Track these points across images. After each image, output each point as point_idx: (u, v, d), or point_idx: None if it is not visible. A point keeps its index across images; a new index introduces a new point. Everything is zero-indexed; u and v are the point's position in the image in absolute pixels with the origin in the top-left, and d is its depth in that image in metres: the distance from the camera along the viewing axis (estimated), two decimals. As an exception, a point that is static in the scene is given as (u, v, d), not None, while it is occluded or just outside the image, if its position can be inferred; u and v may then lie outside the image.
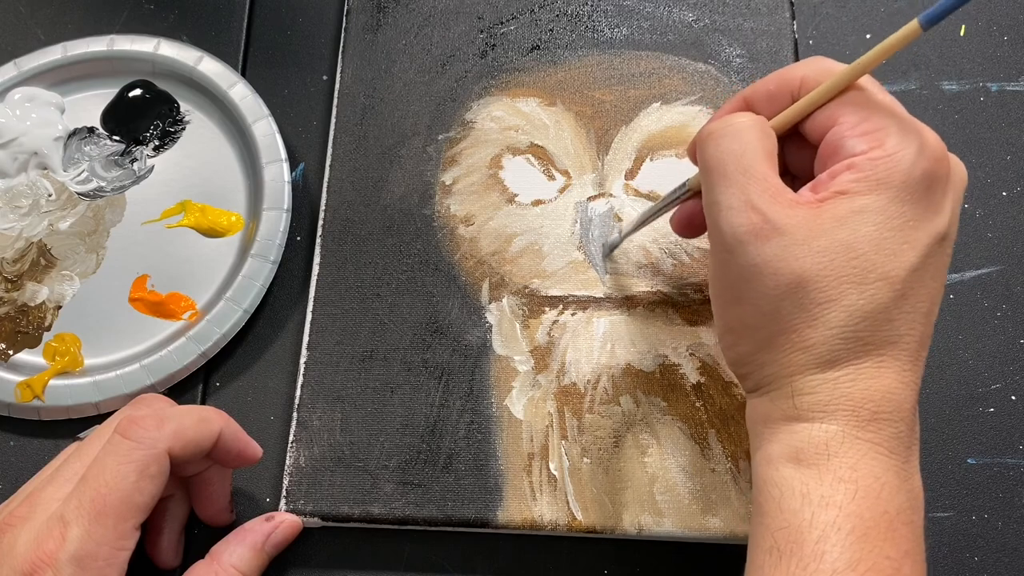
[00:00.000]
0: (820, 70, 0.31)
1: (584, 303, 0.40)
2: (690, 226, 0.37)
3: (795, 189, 0.31)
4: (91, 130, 0.46)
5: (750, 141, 0.31)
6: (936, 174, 0.29)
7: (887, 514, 0.28)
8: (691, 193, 0.35)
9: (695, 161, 0.34)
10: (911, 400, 0.30)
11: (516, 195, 0.42)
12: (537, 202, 0.42)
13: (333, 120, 0.44)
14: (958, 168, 0.31)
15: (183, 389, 0.41)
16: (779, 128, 0.32)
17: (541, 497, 0.37)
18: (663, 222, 0.41)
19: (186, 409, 0.35)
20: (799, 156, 0.33)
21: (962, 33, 0.46)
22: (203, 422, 0.34)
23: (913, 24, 0.29)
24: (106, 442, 0.32)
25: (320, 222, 0.42)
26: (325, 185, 0.43)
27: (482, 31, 0.45)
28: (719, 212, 0.31)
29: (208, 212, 0.44)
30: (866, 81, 0.31)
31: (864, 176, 0.29)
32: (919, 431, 0.31)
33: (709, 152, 0.32)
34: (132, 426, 0.32)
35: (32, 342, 0.42)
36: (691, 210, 0.36)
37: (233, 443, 0.35)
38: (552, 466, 0.37)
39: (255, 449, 0.36)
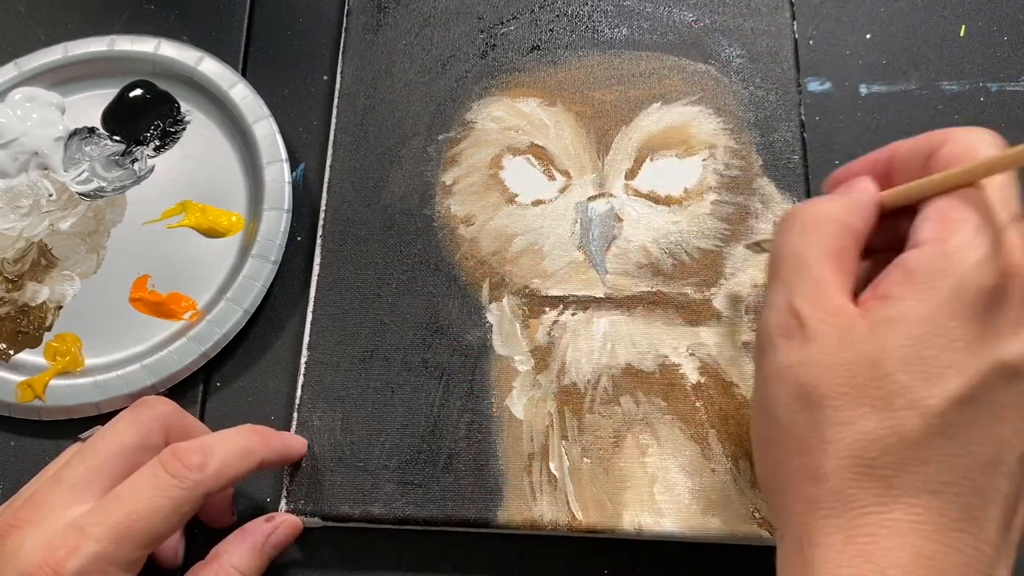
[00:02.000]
0: (960, 150, 0.27)
1: (584, 303, 0.40)
2: None
3: None
4: (92, 130, 0.46)
5: (813, 237, 0.28)
6: (1002, 291, 0.24)
7: None
8: None
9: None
10: (964, 568, 0.23)
11: (516, 195, 0.42)
12: (537, 202, 0.42)
13: (333, 120, 0.44)
14: None
15: (184, 389, 0.41)
16: (888, 206, 0.29)
17: (541, 497, 0.37)
18: (663, 222, 0.41)
19: (229, 437, 0.34)
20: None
21: (962, 33, 0.46)
22: (246, 456, 0.33)
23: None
24: (148, 466, 0.32)
25: (320, 222, 0.42)
26: (325, 185, 0.43)
27: (482, 31, 0.45)
28: (765, 308, 0.28)
29: (208, 212, 0.44)
30: (999, 179, 0.26)
31: (910, 277, 0.25)
32: None
33: (775, 243, 0.29)
34: (175, 461, 0.31)
35: (33, 342, 0.42)
36: None
37: (275, 464, 0.36)
38: (552, 466, 0.37)
39: (298, 453, 0.37)
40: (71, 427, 0.41)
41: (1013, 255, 0.24)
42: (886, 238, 0.30)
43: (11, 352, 0.42)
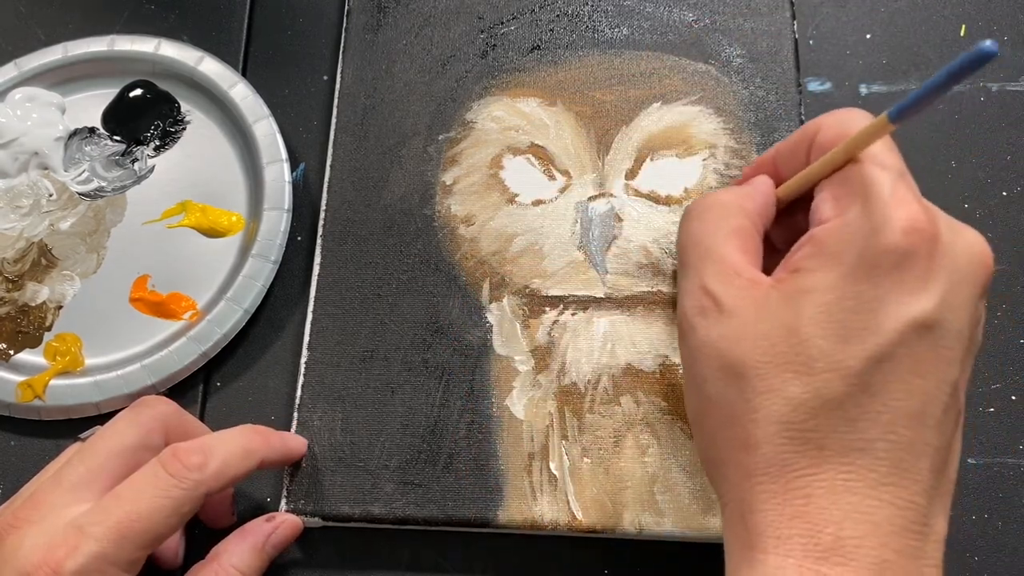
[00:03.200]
0: (833, 133, 0.29)
1: (584, 303, 0.40)
2: None
3: None
4: (92, 130, 0.46)
5: (711, 221, 0.30)
6: (906, 250, 0.25)
7: None
8: None
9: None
10: (899, 520, 0.24)
11: (516, 195, 0.42)
12: (537, 202, 0.42)
13: (333, 120, 0.44)
14: (966, 247, 0.26)
15: (184, 389, 0.41)
16: (784, 199, 0.31)
17: (541, 497, 0.37)
18: (663, 222, 0.41)
19: (230, 437, 0.34)
20: None
21: (962, 33, 0.46)
22: (246, 456, 0.33)
23: (881, 119, 0.27)
24: (148, 466, 0.32)
25: (321, 222, 0.42)
26: (326, 185, 0.43)
27: (482, 31, 0.45)
28: (680, 297, 0.30)
29: (209, 212, 0.44)
30: (876, 148, 0.27)
31: (817, 250, 0.26)
32: (934, 554, 0.25)
33: (679, 237, 0.31)
34: (176, 461, 0.31)
35: (33, 342, 0.42)
36: None
37: (276, 464, 0.36)
38: (552, 466, 0.37)
39: (298, 452, 0.37)
40: (71, 427, 0.41)
41: (908, 218, 0.25)
42: (788, 237, 0.31)
43: (11, 352, 0.42)
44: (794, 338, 0.25)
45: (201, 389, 0.41)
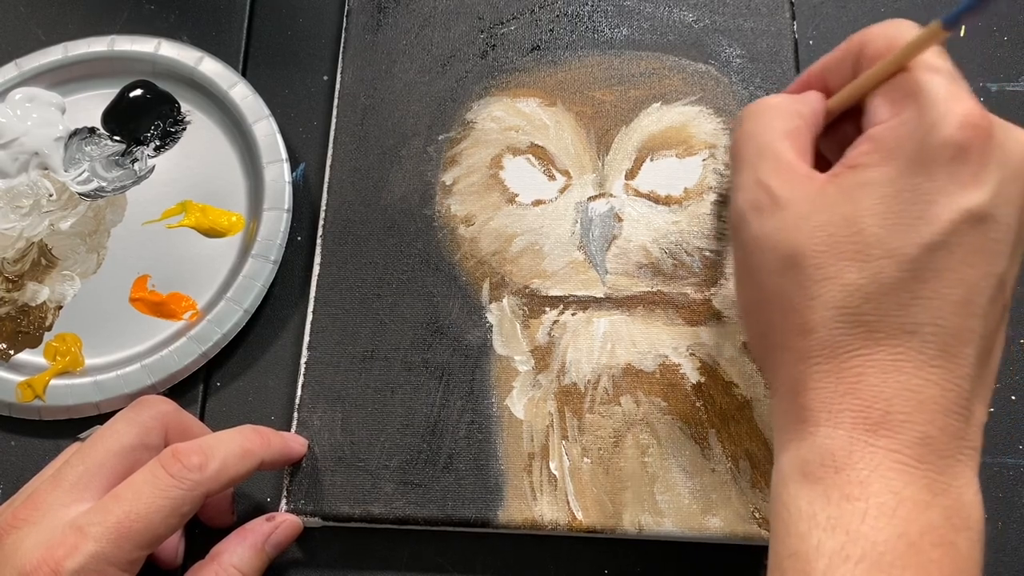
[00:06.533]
0: (883, 44, 0.29)
1: (584, 303, 0.40)
2: None
3: None
4: (92, 130, 0.46)
5: (766, 121, 0.31)
6: (962, 143, 0.26)
7: (905, 536, 0.24)
8: None
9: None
10: (943, 400, 0.26)
11: (516, 195, 0.42)
12: (537, 202, 0.42)
13: (333, 120, 0.44)
14: (1017, 145, 0.27)
15: (184, 389, 0.41)
16: (834, 110, 0.32)
17: (541, 497, 0.37)
18: (662, 222, 0.41)
19: (229, 437, 0.34)
20: None
21: (962, 33, 0.46)
22: (245, 457, 0.33)
23: (934, 26, 0.27)
24: (148, 467, 0.32)
25: (321, 222, 0.42)
26: (326, 185, 0.43)
27: (482, 31, 0.45)
28: (734, 193, 0.30)
29: (209, 212, 0.44)
30: (926, 56, 0.28)
31: (875, 147, 0.27)
32: (974, 437, 0.27)
33: (733, 136, 0.32)
34: (175, 462, 0.31)
35: (33, 342, 0.42)
36: None
37: (276, 464, 0.36)
38: (552, 466, 0.37)
39: (299, 453, 0.37)
40: (71, 427, 0.41)
41: (964, 113, 0.26)
42: (835, 149, 0.32)
43: (11, 352, 0.42)
44: (852, 227, 0.27)
45: (201, 389, 0.41)
